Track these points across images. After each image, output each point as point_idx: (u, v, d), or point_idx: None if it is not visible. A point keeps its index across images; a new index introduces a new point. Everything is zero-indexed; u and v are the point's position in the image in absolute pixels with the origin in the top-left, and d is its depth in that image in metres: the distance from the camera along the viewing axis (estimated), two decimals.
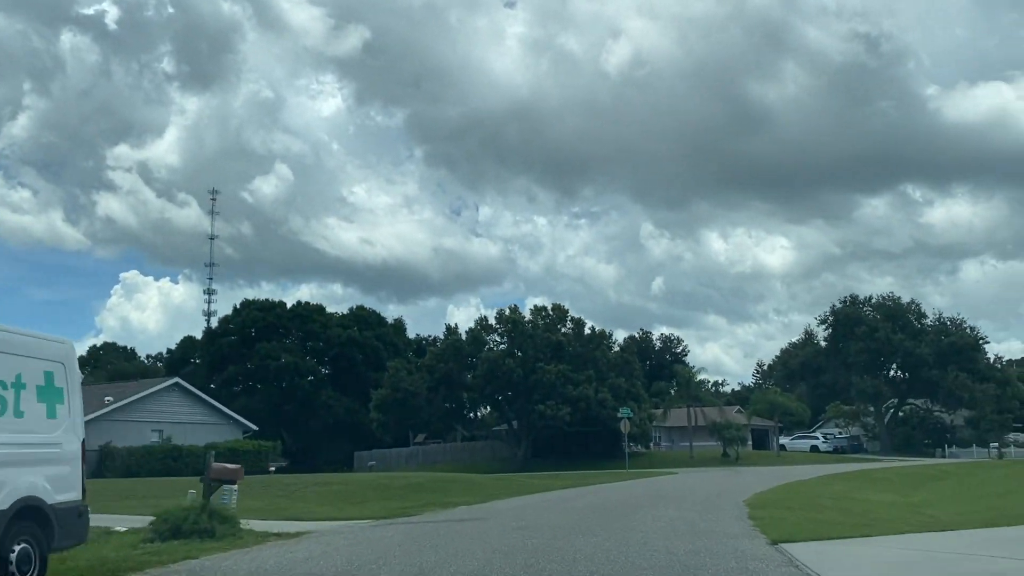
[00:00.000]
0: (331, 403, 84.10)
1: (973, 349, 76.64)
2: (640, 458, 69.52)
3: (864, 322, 76.88)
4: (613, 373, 66.02)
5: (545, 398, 62.32)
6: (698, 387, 68.49)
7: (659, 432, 79.54)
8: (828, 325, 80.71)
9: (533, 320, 66.58)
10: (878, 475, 39.28)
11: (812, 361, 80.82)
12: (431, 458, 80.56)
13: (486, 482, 39.42)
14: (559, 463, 69.16)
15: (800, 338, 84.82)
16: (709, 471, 48.28)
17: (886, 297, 79.44)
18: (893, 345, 74.17)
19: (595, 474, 49.83)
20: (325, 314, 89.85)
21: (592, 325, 68.04)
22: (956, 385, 72.77)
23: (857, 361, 76.62)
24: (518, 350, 65.25)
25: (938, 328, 78.05)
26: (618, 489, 30.35)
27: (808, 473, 40.64)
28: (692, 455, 67.47)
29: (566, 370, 63.25)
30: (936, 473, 42.73)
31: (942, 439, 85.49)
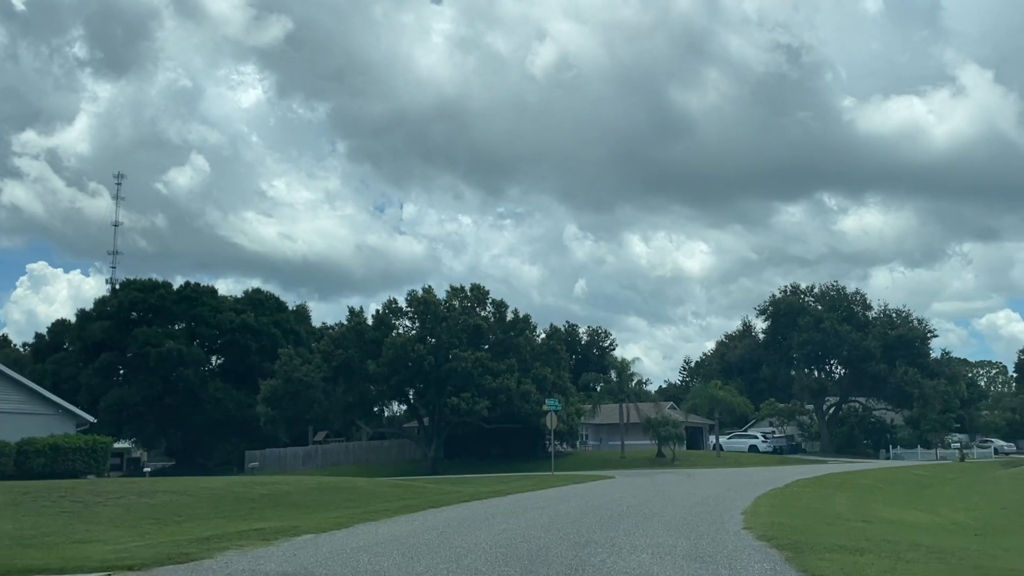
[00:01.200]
0: (220, 396, 73.86)
1: (921, 342, 70.94)
2: (567, 459, 61.41)
3: (808, 312, 70.49)
4: (538, 363, 57.79)
5: (460, 389, 53.70)
6: (631, 380, 60.82)
7: (586, 430, 71.71)
8: (768, 316, 74.16)
9: (448, 302, 57.84)
10: (861, 481, 31.94)
11: (751, 354, 74.11)
12: (331, 459, 71.28)
13: (376, 490, 31.15)
14: (476, 464, 60.77)
15: (738, 330, 78.13)
16: (649, 474, 40.40)
17: (829, 286, 73.44)
18: (840, 337, 67.89)
19: (516, 478, 41.55)
20: (216, 297, 79.40)
21: (515, 309, 59.71)
22: (905, 381, 66.77)
23: (800, 354, 70.10)
24: (430, 335, 56.45)
25: (883, 320, 72.17)
26: (543, 502, 21.92)
27: (772, 478, 33.10)
28: (624, 455, 59.75)
29: (485, 358, 54.73)
30: (921, 479, 35.67)
31: (882, 439, 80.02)
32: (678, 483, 29.77)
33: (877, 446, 77.30)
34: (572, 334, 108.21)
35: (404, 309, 59.04)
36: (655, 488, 26.84)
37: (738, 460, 59.42)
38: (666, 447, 59.01)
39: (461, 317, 56.43)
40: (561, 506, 20.20)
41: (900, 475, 37.73)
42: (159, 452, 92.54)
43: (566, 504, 20.79)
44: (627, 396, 61.80)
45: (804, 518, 16.28)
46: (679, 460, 58.14)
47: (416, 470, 60.24)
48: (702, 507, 18.93)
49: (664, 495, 23.31)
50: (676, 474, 38.96)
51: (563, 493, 26.11)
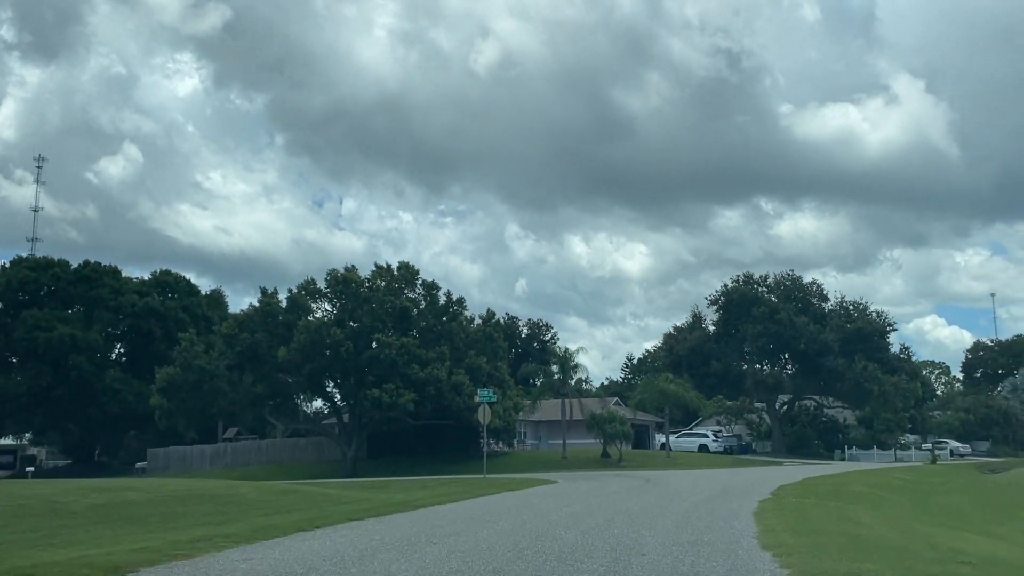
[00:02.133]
0: (118, 387, 65.77)
1: (880, 336, 66.26)
2: (503, 459, 54.96)
3: (762, 303, 65.26)
4: (472, 351, 51.23)
5: (383, 380, 46.84)
6: (574, 371, 54.70)
7: (525, 427, 65.41)
8: (719, 307, 68.79)
9: (373, 282, 50.90)
10: (854, 488, 26.15)
11: (701, 347, 68.64)
12: (242, 458, 63.63)
13: (260, 499, 24.75)
14: (402, 466, 53.96)
15: (687, 321, 72.61)
16: (597, 478, 34.23)
17: (785, 276, 68.42)
18: (796, 329, 62.78)
19: (441, 483, 34.99)
20: (119, 278, 71.02)
21: (448, 291, 53.08)
22: (865, 376, 61.91)
23: (754, 347, 64.83)
24: (351, 318, 49.48)
25: (840, 313, 67.38)
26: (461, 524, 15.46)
27: (748, 484, 27.17)
28: (566, 455, 53.56)
29: (412, 345, 47.97)
30: (915, 485, 30.12)
31: (834, 439, 75.34)
32: (638, 493, 23.50)
33: (830, 446, 72.52)
34: (512, 327, 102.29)
35: (323, 290, 51.90)
36: (610, 501, 20.50)
37: (690, 461, 53.70)
38: (612, 446, 53.00)
39: (386, 298, 49.57)
40: (484, 531, 13.69)
41: (885, 480, 32.21)
42: (57, 450, 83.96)
43: (492, 527, 14.29)
44: (570, 391, 55.64)
45: (864, 555, 10.04)
46: (626, 461, 52.18)
47: (334, 472, 53.24)
48: (693, 534, 12.60)
49: (626, 513, 16.97)
50: (630, 479, 32.75)
51: (492, 506, 19.64)
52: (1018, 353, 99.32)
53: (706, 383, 66.10)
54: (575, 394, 56.32)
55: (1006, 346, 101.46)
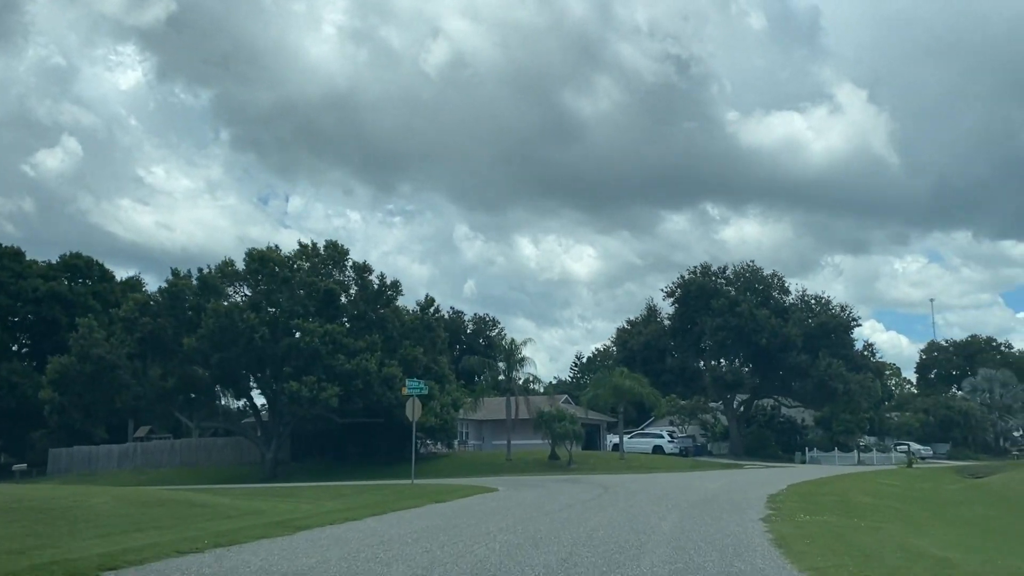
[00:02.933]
0: (16, 380, 58.80)
1: (844, 332, 62.19)
2: (441, 462, 49.44)
3: (722, 295, 60.69)
4: (408, 341, 45.59)
5: (303, 371, 41.00)
6: (521, 365, 49.40)
7: (467, 427, 59.97)
8: (676, 299, 64.10)
9: (295, 261, 44.97)
10: (857, 498, 21.19)
11: (656, 342, 63.88)
12: (153, 460, 57.12)
13: (115, 514, 19.49)
14: (329, 468, 48.21)
15: (642, 314, 67.73)
16: (544, 484, 28.98)
17: (745, 267, 63.93)
18: (758, 322, 58.27)
19: (362, 490, 29.48)
20: (21, 261, 63.77)
21: (381, 274, 47.37)
22: (829, 374, 57.68)
23: (714, 341, 60.20)
24: (268, 302, 43.50)
25: (802, 307, 63.16)
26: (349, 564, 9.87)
27: (724, 493, 22.16)
28: (510, 457, 48.25)
29: (338, 332, 42.21)
30: (916, 494, 25.32)
31: (793, 440, 71.26)
32: (597, 507, 18.18)
33: (789, 448, 68.35)
34: (457, 322, 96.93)
35: (240, 271, 45.77)
36: (563, 520, 15.15)
37: (646, 463, 48.79)
38: (561, 448, 47.85)
39: (310, 280, 43.67)
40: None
41: (880, 487, 27.47)
42: None
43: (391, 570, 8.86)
44: (516, 388, 50.33)
45: None
46: (576, 463, 47.07)
47: (252, 475, 47.22)
48: None
49: (589, 543, 11.62)
50: (584, 485, 27.47)
51: (400, 528, 14.15)
52: (972, 354, 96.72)
53: (661, 380, 61.36)
54: (521, 391, 51.07)
55: (961, 347, 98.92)
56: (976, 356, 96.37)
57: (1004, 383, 78.59)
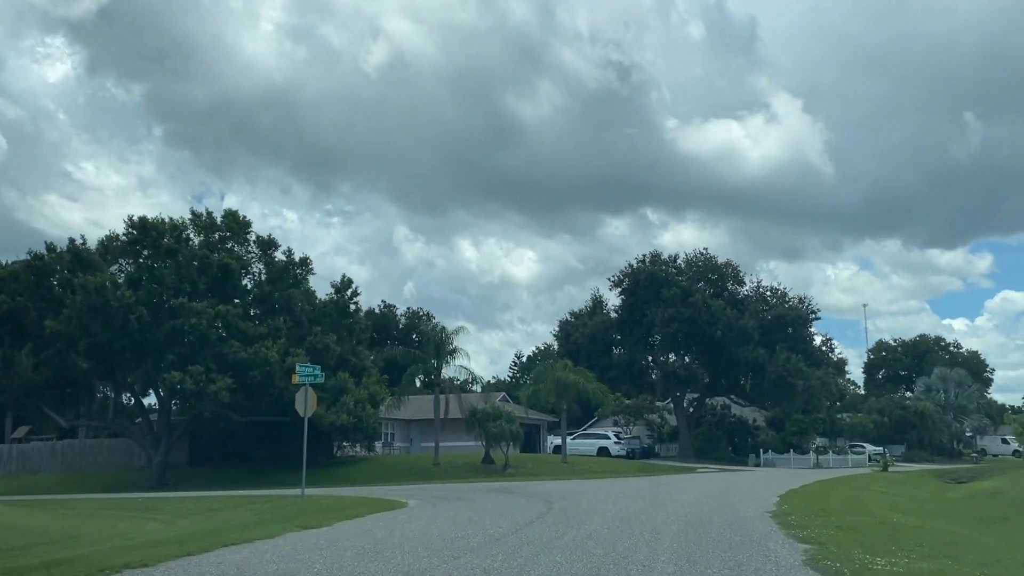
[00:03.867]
0: None
1: (803, 325, 57.24)
2: (357, 467, 42.84)
3: (674, 284, 55.21)
4: (319, 328, 38.87)
5: (189, 360, 34.03)
6: (452, 356, 42.93)
7: (392, 426, 53.40)
8: (624, 289, 58.45)
9: (184, 231, 37.87)
10: (888, 515, 15.24)
11: (602, 335, 58.13)
12: (31, 463, 49.41)
13: None
14: (228, 474, 41.21)
15: (587, 306, 61.87)
16: (471, 495, 22.74)
17: (698, 254, 58.71)
18: (713, 313, 52.91)
19: (239, 503, 22.98)
20: None
21: (288, 249, 40.57)
22: (788, 369, 52.62)
23: (665, 333, 54.63)
24: (150, 278, 36.37)
25: (755, 299, 58.09)
26: None
27: (698, 506, 16.31)
28: (438, 461, 41.80)
29: (233, 315, 35.35)
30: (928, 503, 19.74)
31: (745, 442, 66.32)
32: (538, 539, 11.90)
33: (741, 449, 63.34)
34: (388, 317, 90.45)
35: (123, 243, 38.41)
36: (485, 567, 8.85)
37: (591, 467, 42.90)
38: (496, 450, 41.64)
39: (201, 253, 36.66)
40: None
41: (890, 500, 21.96)
42: None
43: None
44: (446, 385, 43.90)
45: None
46: (513, 467, 40.89)
47: (140, 482, 40.03)
48: None
49: None
50: (521, 498, 21.22)
51: None
52: (922, 353, 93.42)
53: (608, 376, 55.63)
54: (454, 388, 44.63)
55: (909, 347, 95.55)
56: (925, 356, 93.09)
57: (959, 382, 74.79)
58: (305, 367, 25.04)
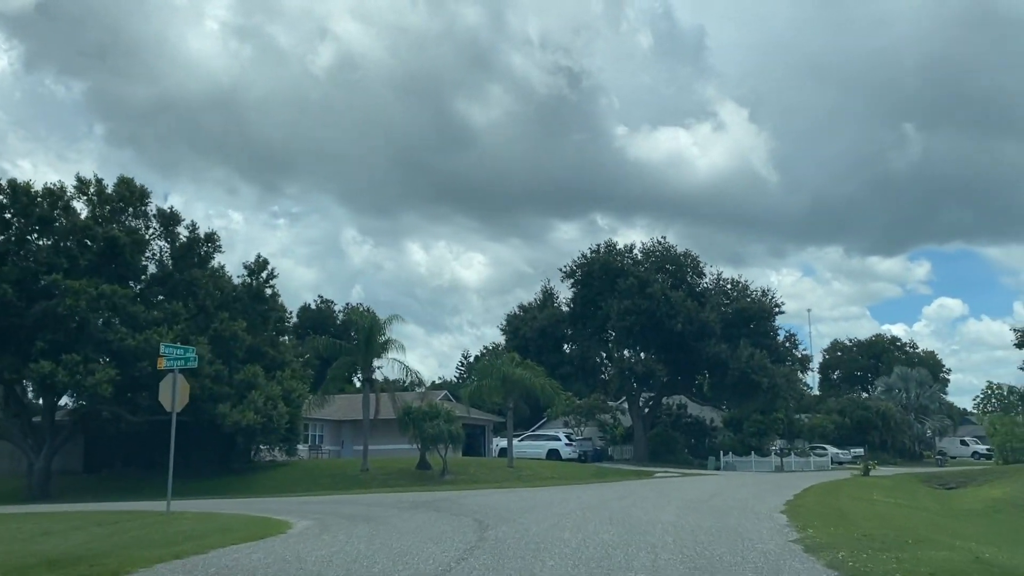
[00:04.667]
0: None
1: (767, 319, 53.08)
2: (273, 474, 37.35)
3: (630, 273, 50.59)
4: (227, 313, 33.28)
5: (64, 348, 28.25)
6: (384, 347, 37.55)
7: (320, 427, 47.92)
8: (577, 280, 53.71)
9: (64, 199, 31.95)
10: (929, 534, 10.47)
11: (553, 329, 53.29)
12: None
13: None
14: (131, 484, 35.40)
15: (537, 299, 56.93)
16: (389, 512, 17.62)
17: (656, 243, 54.22)
18: (672, 305, 48.43)
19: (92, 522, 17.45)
20: None
21: (192, 223, 34.85)
22: (752, 366, 48.38)
23: (620, 327, 49.94)
24: (20, 252, 30.44)
25: (715, 292, 53.80)
26: None
27: (678, 516, 11.46)
28: (367, 467, 36.47)
29: (119, 296, 29.62)
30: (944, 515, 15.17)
31: (702, 443, 62.09)
32: None
33: (699, 451, 59.06)
34: (325, 313, 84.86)
35: None
36: None
37: (540, 472, 37.94)
38: (433, 453, 36.48)
39: (85, 224, 30.85)
40: None
41: (910, 513, 17.48)
42: None
43: None
44: (377, 380, 38.60)
45: None
46: (452, 473, 35.77)
47: (19, 493, 34.03)
48: None
49: None
50: (448, 518, 16.06)
51: None
52: (877, 353, 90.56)
53: (559, 373, 50.80)
54: (388, 384, 39.32)
55: (865, 346, 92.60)
56: (881, 356, 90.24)
57: (920, 382, 71.61)
58: (173, 347, 19.75)
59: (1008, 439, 50.18)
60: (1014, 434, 50.10)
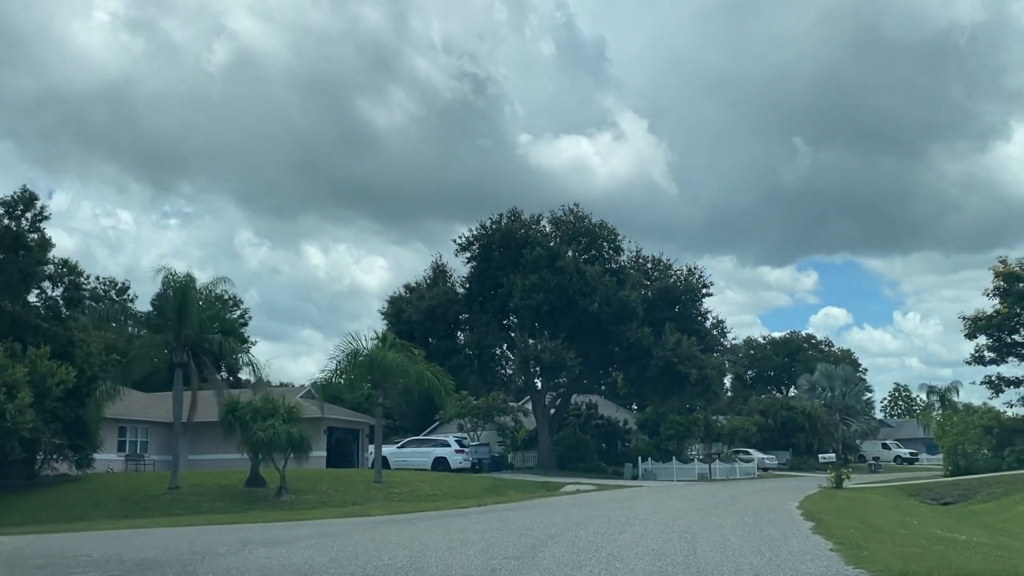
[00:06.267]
0: None
1: (694, 301, 44.60)
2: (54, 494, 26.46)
3: (538, 243, 41.40)
4: None
5: None
6: (211, 324, 27.07)
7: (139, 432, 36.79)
8: (474, 253, 44.19)
9: None
10: None
11: (445, 311, 43.52)
12: None
13: None
14: None
15: (426, 277, 46.93)
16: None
17: (568, 210, 45.17)
18: (587, 281, 39.48)
19: None
20: None
21: None
22: (680, 355, 39.82)
23: (526, 306, 40.56)
24: None
25: (638, 269, 45.17)
26: None
27: None
28: (177, 484, 25.89)
29: None
30: None
31: (614, 448, 53.55)
32: None
33: (612, 457, 50.45)
34: None
35: None
36: None
37: (419, 489, 28.13)
38: (268, 464, 26.17)
39: None
40: None
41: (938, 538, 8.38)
42: None
43: None
44: (194, 369, 27.95)
45: None
46: (291, 494, 25.58)
47: None
48: None
49: None
50: None
51: None
52: (793, 352, 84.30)
53: (449, 364, 41.12)
54: (208, 373, 28.71)
55: (780, 344, 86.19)
56: (797, 354, 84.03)
57: (846, 379, 64.82)
58: None
59: (960, 440, 43.03)
60: (967, 435, 42.94)
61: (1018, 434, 42.41)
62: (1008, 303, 44.61)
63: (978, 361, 48.13)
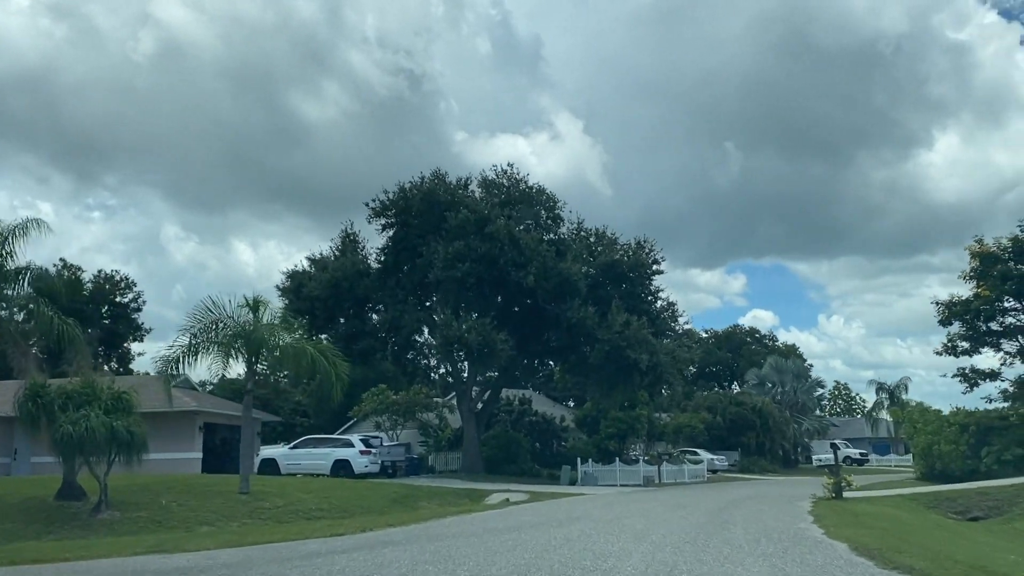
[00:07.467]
0: None
1: (643, 278, 38.62)
2: None
3: (465, 205, 34.95)
4: None
5: None
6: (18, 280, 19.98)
7: None
8: (390, 219, 37.45)
9: None
10: None
11: (353, 286, 36.63)
12: None
13: None
14: None
15: (334, 247, 39.85)
16: None
17: (500, 171, 38.83)
18: (522, 250, 33.22)
19: None
20: None
21: None
22: (629, 338, 33.80)
23: (450, 279, 33.96)
24: None
25: (580, 243, 39.09)
26: None
27: None
28: None
29: None
30: None
31: (549, 448, 47.50)
32: None
33: (546, 459, 44.30)
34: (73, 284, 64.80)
35: None
36: None
37: (301, 505, 21.36)
38: (84, 472, 19.13)
39: None
40: None
41: None
42: None
43: None
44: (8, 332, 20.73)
45: None
46: (122, 508, 18.64)
47: None
48: None
49: None
50: None
51: None
52: (736, 346, 79.74)
53: (356, 348, 34.29)
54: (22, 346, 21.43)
55: (723, 338, 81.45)
56: (740, 348, 79.49)
57: (796, 374, 60.23)
58: None
59: (935, 440, 38.10)
60: (941, 434, 38.01)
61: (995, 432, 37.55)
62: (988, 285, 40.00)
63: (950, 352, 43.64)
